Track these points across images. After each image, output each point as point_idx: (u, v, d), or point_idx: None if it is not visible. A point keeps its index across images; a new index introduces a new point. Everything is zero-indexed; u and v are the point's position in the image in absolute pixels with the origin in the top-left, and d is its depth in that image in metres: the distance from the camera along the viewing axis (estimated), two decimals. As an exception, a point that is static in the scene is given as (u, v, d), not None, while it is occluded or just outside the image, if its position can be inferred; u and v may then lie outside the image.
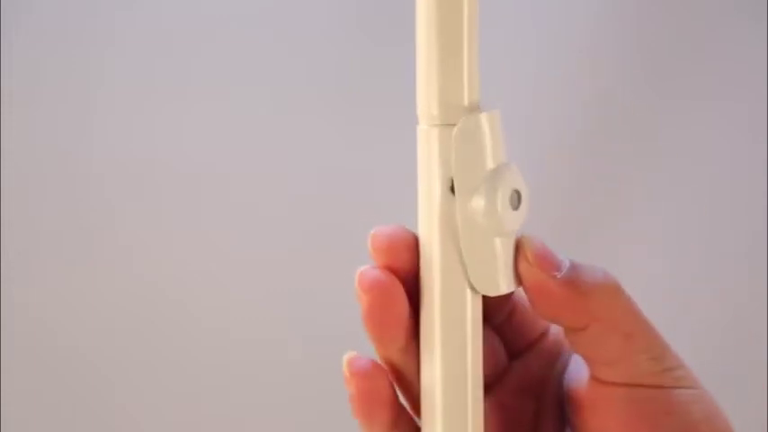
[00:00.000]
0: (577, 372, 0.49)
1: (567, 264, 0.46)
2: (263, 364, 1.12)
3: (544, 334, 0.52)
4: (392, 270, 0.46)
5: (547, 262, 0.46)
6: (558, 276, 0.46)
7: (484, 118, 0.46)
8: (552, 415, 0.51)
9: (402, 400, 0.49)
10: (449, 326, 0.46)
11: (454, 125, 0.45)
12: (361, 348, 0.49)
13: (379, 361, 0.48)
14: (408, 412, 0.49)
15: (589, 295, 0.46)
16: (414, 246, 0.47)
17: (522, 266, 0.46)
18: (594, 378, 0.48)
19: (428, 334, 0.47)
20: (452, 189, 0.46)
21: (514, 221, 0.46)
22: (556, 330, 0.52)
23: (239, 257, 1.11)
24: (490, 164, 0.46)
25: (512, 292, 0.49)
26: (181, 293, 1.11)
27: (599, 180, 1.08)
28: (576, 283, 0.46)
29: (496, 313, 0.51)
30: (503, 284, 0.46)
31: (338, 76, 1.09)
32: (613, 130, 1.08)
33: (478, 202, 0.46)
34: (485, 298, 0.47)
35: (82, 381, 1.12)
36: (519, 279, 0.47)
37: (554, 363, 0.51)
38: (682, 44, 1.07)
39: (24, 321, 1.12)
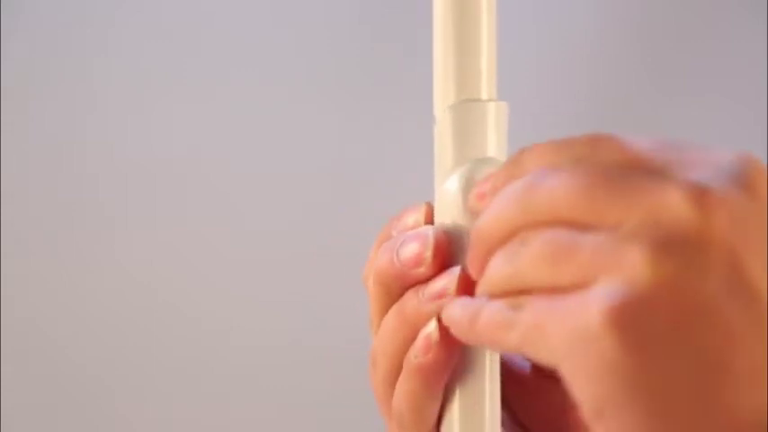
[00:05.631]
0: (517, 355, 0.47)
1: None
2: (263, 365, 1.12)
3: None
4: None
5: None
6: None
7: (491, 106, 0.45)
8: None
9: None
10: None
11: None
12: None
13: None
14: None
15: None
16: None
17: None
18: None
19: None
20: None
21: None
22: None
23: (239, 258, 1.11)
24: (489, 153, 0.45)
25: None
26: (178, 295, 1.11)
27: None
28: None
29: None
30: None
31: (339, 73, 1.09)
32: (613, 130, 1.07)
33: (450, 185, 0.44)
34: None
35: (79, 383, 1.12)
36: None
37: None
38: (682, 43, 1.07)
39: (19, 322, 1.11)
